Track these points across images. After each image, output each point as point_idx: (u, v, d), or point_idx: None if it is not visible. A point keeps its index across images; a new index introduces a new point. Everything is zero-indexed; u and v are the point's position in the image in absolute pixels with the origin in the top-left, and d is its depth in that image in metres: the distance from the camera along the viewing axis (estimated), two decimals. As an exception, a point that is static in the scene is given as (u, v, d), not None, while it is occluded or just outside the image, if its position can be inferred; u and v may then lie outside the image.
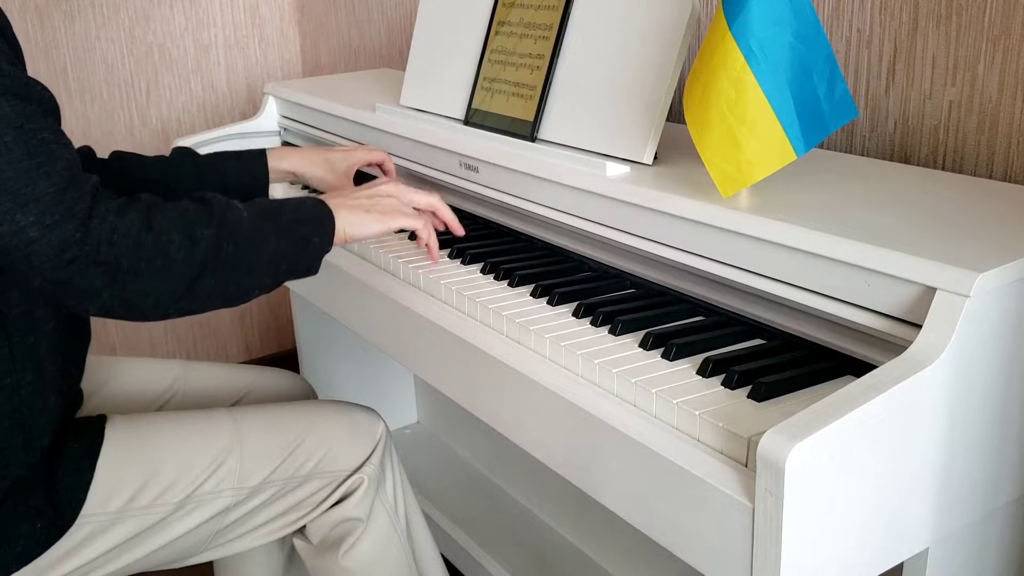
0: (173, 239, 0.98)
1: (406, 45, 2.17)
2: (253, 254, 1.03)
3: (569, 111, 1.24)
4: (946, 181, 1.07)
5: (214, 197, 1.06)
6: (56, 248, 0.92)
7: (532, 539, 1.78)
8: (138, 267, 0.96)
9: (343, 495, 1.24)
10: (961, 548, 0.90)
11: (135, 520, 1.11)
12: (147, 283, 0.97)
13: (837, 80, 0.97)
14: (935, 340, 0.78)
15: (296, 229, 1.08)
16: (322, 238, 1.10)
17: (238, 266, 1.02)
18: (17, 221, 0.91)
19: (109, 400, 1.33)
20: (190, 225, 1.00)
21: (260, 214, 1.06)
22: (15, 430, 1.05)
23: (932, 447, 0.80)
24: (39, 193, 0.92)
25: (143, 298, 0.98)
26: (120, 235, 0.95)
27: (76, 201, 0.94)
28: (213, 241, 1.00)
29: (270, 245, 1.05)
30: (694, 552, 0.82)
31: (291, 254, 1.07)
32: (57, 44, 2.30)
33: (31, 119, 0.94)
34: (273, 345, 2.81)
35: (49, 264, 0.93)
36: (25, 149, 0.92)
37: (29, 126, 0.93)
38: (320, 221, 1.11)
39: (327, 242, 1.11)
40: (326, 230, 1.11)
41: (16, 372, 1.04)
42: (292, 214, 1.09)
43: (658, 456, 0.83)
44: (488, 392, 1.07)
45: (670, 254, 1.05)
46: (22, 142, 0.92)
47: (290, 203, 1.11)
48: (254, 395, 1.44)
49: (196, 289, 1.00)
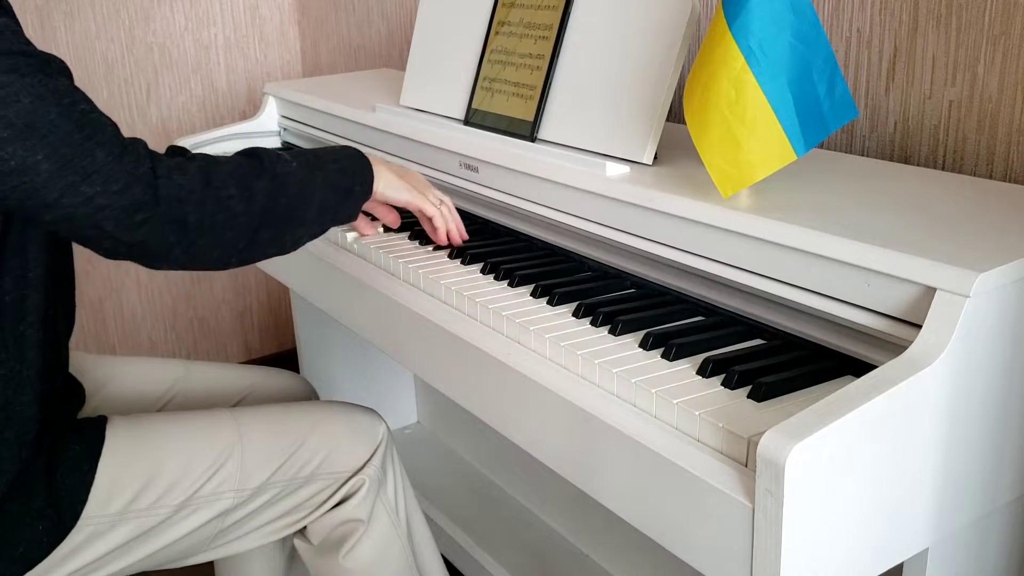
0: (232, 193, 1.02)
1: (406, 45, 2.17)
2: (304, 205, 1.09)
3: (569, 111, 1.24)
4: (946, 181, 1.07)
5: (263, 151, 1.10)
6: (128, 211, 0.96)
7: (532, 539, 1.78)
8: (203, 222, 1.00)
9: (344, 496, 1.24)
10: (961, 548, 0.90)
11: (136, 522, 1.11)
12: (212, 237, 1.02)
13: (837, 80, 0.97)
14: (935, 340, 0.78)
15: (340, 180, 1.14)
16: (363, 187, 1.17)
17: (291, 217, 1.08)
18: (84, 192, 0.94)
19: (110, 400, 1.33)
20: (245, 179, 1.04)
21: (306, 166, 1.11)
22: (6, 424, 1.04)
23: (932, 447, 0.80)
24: (99, 164, 0.94)
25: (210, 251, 1.03)
26: (186, 191, 0.99)
27: (136, 164, 0.97)
28: (268, 194, 1.05)
29: (318, 196, 1.10)
30: (694, 552, 0.82)
31: (336, 204, 1.13)
32: (57, 44, 2.30)
33: (65, 93, 0.95)
34: (273, 345, 2.81)
35: (123, 226, 0.96)
36: (73, 124, 0.94)
37: (66, 100, 0.95)
38: (361, 171, 1.17)
39: (368, 191, 1.18)
40: (367, 179, 1.17)
41: (9, 362, 1.04)
42: (334, 164, 1.14)
43: (658, 456, 0.83)
44: (488, 392, 1.07)
45: (670, 254, 1.05)
46: (67, 117, 0.94)
47: (331, 153, 1.16)
48: (256, 395, 1.44)
49: (257, 240, 1.06)
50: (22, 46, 0.93)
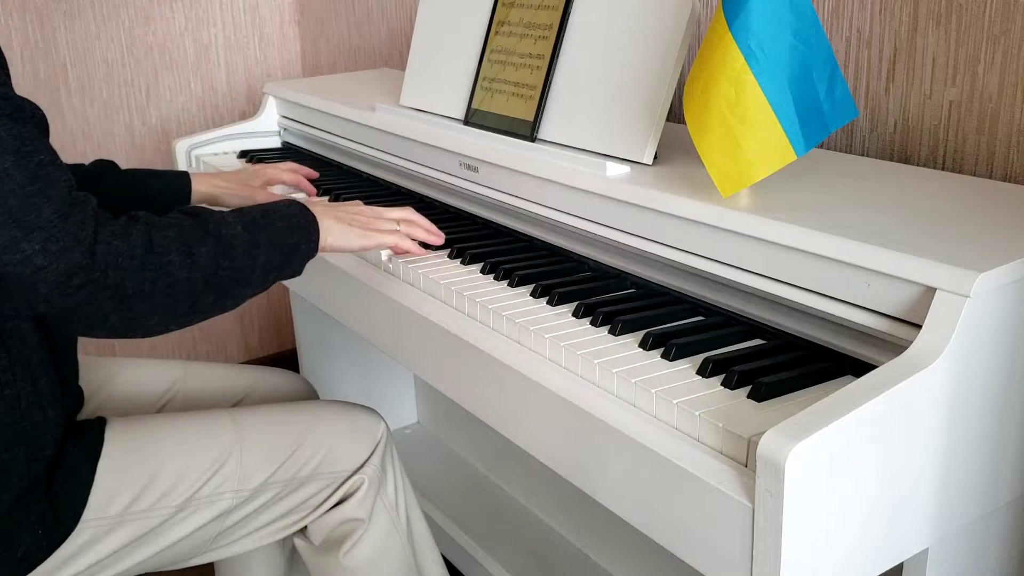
0: (173, 260, 0.99)
1: (406, 45, 2.17)
2: (247, 267, 1.05)
3: (569, 111, 1.24)
4: (946, 181, 1.07)
5: (206, 211, 1.07)
6: (64, 275, 0.92)
7: (532, 539, 1.78)
8: (142, 288, 0.96)
9: (344, 496, 1.24)
10: (961, 548, 0.90)
11: (136, 524, 1.11)
12: (152, 303, 0.98)
13: (837, 80, 0.97)
14: (935, 340, 0.78)
15: (285, 239, 1.10)
16: (309, 245, 1.13)
17: (234, 280, 1.04)
18: (23, 250, 0.90)
19: (109, 401, 1.33)
20: (188, 243, 1.00)
21: (250, 225, 1.07)
22: (17, 442, 1.04)
23: (932, 447, 0.80)
24: (43, 220, 0.91)
25: (148, 318, 0.99)
26: (125, 258, 0.95)
27: (80, 226, 0.93)
28: (211, 259, 1.01)
29: (261, 257, 1.07)
30: (694, 552, 0.82)
31: (280, 263, 1.10)
32: (57, 44, 2.30)
33: (28, 141, 0.92)
34: (273, 345, 2.81)
35: (57, 291, 0.92)
36: (26, 174, 0.91)
37: (26, 149, 0.92)
38: (306, 228, 1.13)
39: (313, 249, 1.14)
40: (312, 237, 1.13)
41: (16, 383, 1.04)
42: (281, 223, 1.10)
43: (658, 456, 0.83)
44: (488, 392, 1.07)
45: (670, 254, 1.05)
46: (22, 167, 0.91)
47: (276, 211, 1.12)
48: (255, 396, 1.44)
49: (198, 305, 1.02)
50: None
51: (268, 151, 1.95)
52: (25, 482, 1.05)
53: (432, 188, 1.50)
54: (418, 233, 1.25)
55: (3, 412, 1.03)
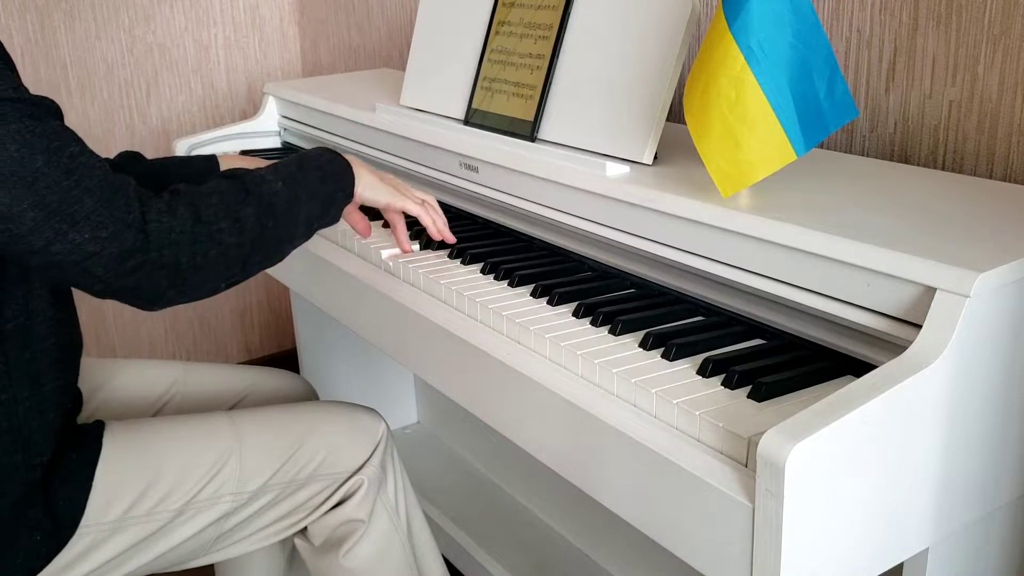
0: (223, 227, 1.01)
1: (406, 45, 2.17)
2: (291, 223, 1.09)
3: (569, 111, 1.24)
4: (946, 181, 1.07)
5: (244, 172, 1.09)
6: (118, 257, 0.94)
7: (532, 539, 1.78)
8: (195, 261, 0.99)
9: (343, 496, 1.24)
10: (961, 548, 0.90)
11: (135, 528, 1.11)
12: (205, 273, 1.01)
13: (837, 80, 0.97)
14: (935, 340, 0.78)
15: (322, 188, 1.14)
16: (346, 191, 1.18)
17: (280, 237, 1.08)
18: (72, 240, 0.92)
19: (108, 403, 1.33)
20: (233, 208, 1.03)
21: (288, 180, 1.10)
22: (14, 447, 1.04)
23: (932, 447, 0.80)
24: (87, 210, 0.93)
25: (202, 286, 1.02)
26: (177, 233, 0.98)
27: (126, 209, 0.95)
28: (257, 220, 1.04)
29: (303, 210, 1.10)
30: (694, 552, 0.82)
31: (320, 212, 1.14)
32: (57, 44, 2.30)
33: (55, 136, 0.93)
34: (273, 345, 2.81)
35: (113, 273, 0.95)
36: (60, 170, 0.92)
37: (55, 144, 0.93)
38: (342, 176, 1.17)
39: (350, 195, 1.18)
40: (348, 183, 1.18)
41: (13, 387, 1.04)
42: (316, 172, 1.14)
43: (658, 456, 0.83)
44: (488, 392, 1.07)
45: (670, 254, 1.05)
46: (55, 163, 0.92)
47: (311, 161, 1.15)
48: (254, 396, 1.43)
49: (248, 266, 1.06)
50: (9, 92, 0.91)
51: (268, 151, 1.95)
52: (23, 487, 1.05)
53: (432, 188, 1.50)
54: (436, 218, 1.27)
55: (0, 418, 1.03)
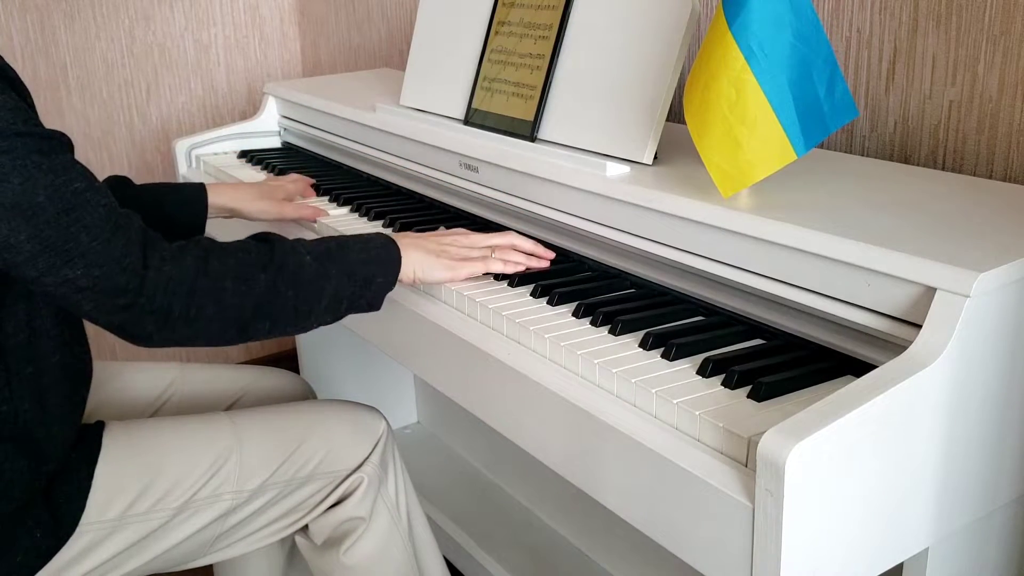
0: (227, 286, 0.99)
1: (406, 45, 2.17)
2: (313, 296, 1.05)
3: (569, 111, 1.24)
4: (946, 181, 1.07)
5: (278, 239, 1.07)
6: (108, 296, 0.94)
7: (532, 539, 1.78)
8: (189, 313, 0.98)
9: (344, 494, 1.24)
10: (961, 548, 0.90)
11: (135, 527, 1.11)
12: (199, 327, 0.99)
13: (837, 80, 0.97)
14: (935, 340, 0.78)
15: (360, 269, 1.08)
16: (387, 277, 1.10)
17: (296, 309, 1.04)
18: (64, 275, 0.93)
19: (106, 404, 1.33)
20: (247, 269, 1.01)
21: (324, 255, 1.06)
22: (17, 455, 1.04)
23: (932, 447, 0.80)
24: (83, 248, 0.93)
25: (194, 339, 1.01)
26: (175, 283, 0.97)
27: (124, 251, 0.95)
28: (270, 285, 1.02)
29: (331, 286, 1.06)
30: (694, 552, 0.82)
31: (352, 293, 1.08)
32: (57, 44, 2.30)
33: (61, 172, 0.94)
34: (273, 345, 2.81)
35: (101, 311, 0.95)
36: (60, 205, 0.92)
37: (60, 180, 0.93)
38: (387, 261, 1.11)
39: (392, 282, 1.11)
40: (392, 270, 1.11)
41: (13, 400, 1.04)
42: (358, 255, 1.09)
43: (658, 456, 0.83)
44: (488, 392, 1.07)
45: (670, 254, 1.05)
46: (56, 199, 0.92)
47: (357, 242, 1.10)
48: (251, 395, 1.43)
49: (250, 330, 1.03)
50: (19, 126, 0.91)
51: (268, 151, 1.95)
52: (28, 493, 1.05)
53: (432, 188, 1.50)
54: (516, 257, 1.18)
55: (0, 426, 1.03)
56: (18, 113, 0.92)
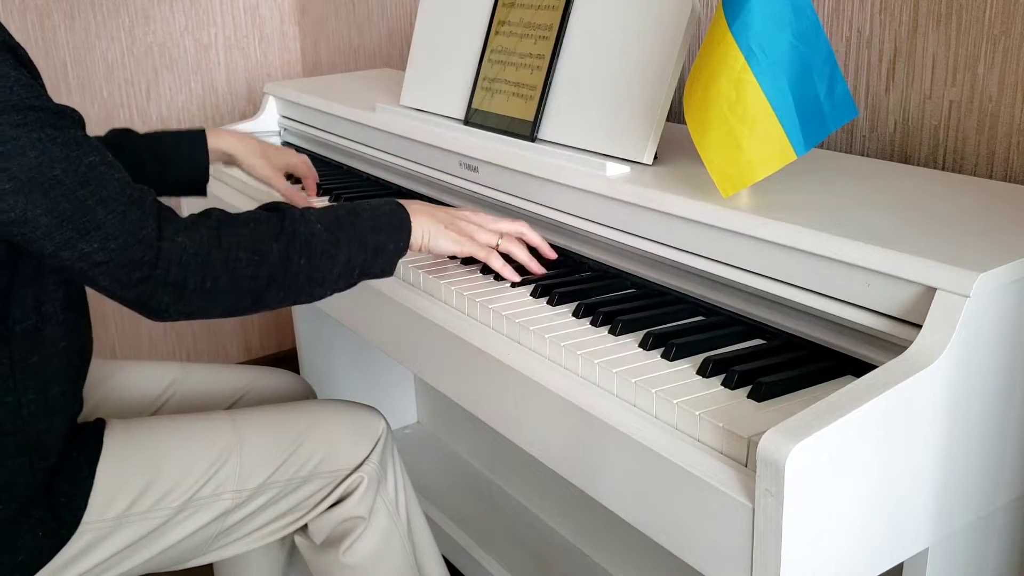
0: (240, 256, 1.00)
1: (406, 45, 2.17)
2: (325, 265, 1.05)
3: (569, 111, 1.24)
4: (946, 181, 1.07)
5: (288, 208, 1.07)
6: (124, 269, 0.95)
7: (532, 539, 1.78)
8: (204, 285, 0.98)
9: (344, 494, 1.24)
10: (961, 548, 0.90)
11: (136, 526, 1.11)
12: (213, 299, 1.00)
13: (837, 80, 0.97)
14: (935, 340, 0.78)
15: (371, 237, 1.08)
16: (397, 244, 1.11)
17: (310, 277, 1.05)
18: (80, 248, 0.93)
19: (106, 403, 1.33)
20: (260, 240, 1.01)
21: (334, 223, 1.07)
22: (20, 450, 1.04)
23: (932, 447, 0.80)
24: (99, 220, 0.93)
25: (210, 310, 1.01)
26: (190, 255, 0.97)
27: (140, 224, 0.95)
28: (282, 255, 1.02)
29: (343, 255, 1.06)
30: (694, 552, 0.82)
31: (364, 260, 1.08)
32: (57, 44, 2.30)
33: (75, 146, 0.94)
34: (273, 345, 2.81)
35: (118, 284, 0.95)
36: (76, 179, 0.93)
37: (74, 154, 0.94)
38: (397, 227, 1.11)
39: (403, 248, 1.12)
40: (403, 236, 1.11)
41: (17, 390, 1.04)
42: (369, 221, 1.09)
43: (658, 456, 0.83)
44: (488, 392, 1.07)
45: (670, 254, 1.05)
46: (72, 172, 0.93)
47: (367, 208, 1.11)
48: (252, 395, 1.44)
49: (264, 300, 1.03)
50: (32, 100, 0.92)
51: (268, 151, 1.94)
52: (29, 489, 1.05)
53: (432, 188, 1.50)
54: (518, 253, 1.17)
55: (4, 420, 1.03)
56: (31, 89, 0.93)
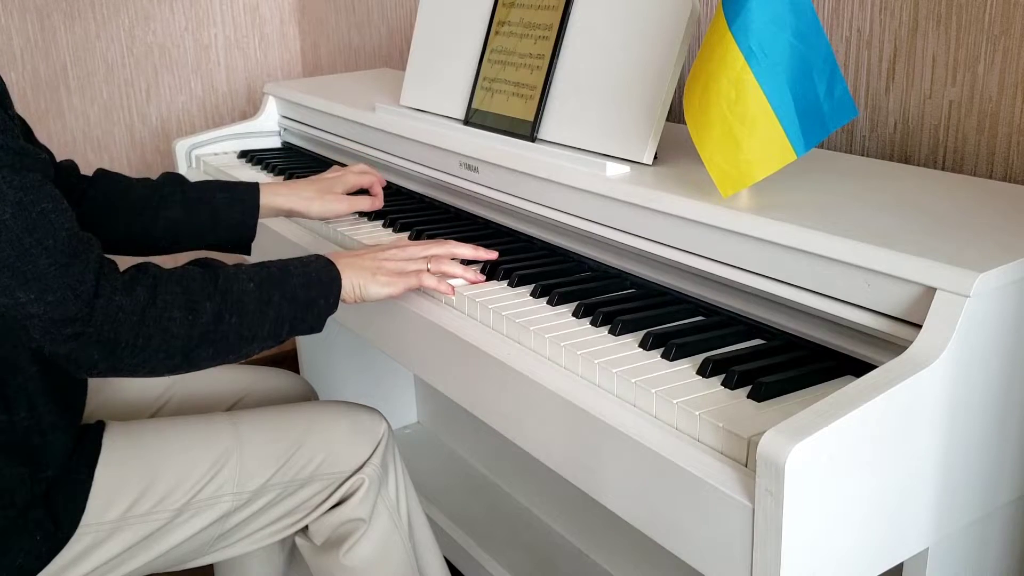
0: (175, 316, 0.98)
1: (406, 45, 2.17)
2: (256, 322, 1.04)
3: (569, 111, 1.24)
4: (946, 181, 1.07)
5: (220, 266, 1.06)
6: (57, 323, 0.93)
7: (532, 539, 1.78)
8: (136, 342, 0.97)
9: (344, 496, 1.24)
10: (961, 548, 0.90)
11: (135, 528, 1.11)
12: (143, 356, 0.98)
13: (837, 80, 0.97)
14: (935, 340, 0.78)
15: (303, 292, 1.08)
16: (328, 299, 1.10)
17: (240, 335, 1.03)
18: (17, 297, 0.92)
19: (106, 404, 1.33)
20: (193, 298, 1.00)
21: (266, 280, 1.06)
22: (16, 463, 1.04)
23: (932, 447, 0.80)
24: (40, 270, 0.92)
25: (138, 368, 0.99)
26: (126, 313, 0.96)
27: (79, 278, 0.94)
28: (215, 314, 1.01)
29: (273, 311, 1.05)
30: (694, 552, 0.82)
31: (295, 316, 1.08)
32: (57, 44, 2.30)
33: (29, 191, 0.92)
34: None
35: (49, 337, 0.94)
36: (24, 225, 0.91)
37: (28, 199, 0.92)
38: (328, 283, 1.10)
39: (333, 303, 1.11)
40: (333, 291, 1.11)
41: (8, 411, 1.04)
42: (299, 278, 1.08)
43: (658, 456, 0.83)
44: (488, 392, 1.07)
45: (670, 254, 1.05)
46: (21, 217, 0.91)
47: (297, 266, 1.10)
48: (253, 396, 1.43)
49: (193, 358, 1.02)
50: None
51: (268, 151, 1.95)
52: (28, 497, 1.05)
53: (432, 188, 1.50)
54: (449, 269, 1.17)
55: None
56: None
